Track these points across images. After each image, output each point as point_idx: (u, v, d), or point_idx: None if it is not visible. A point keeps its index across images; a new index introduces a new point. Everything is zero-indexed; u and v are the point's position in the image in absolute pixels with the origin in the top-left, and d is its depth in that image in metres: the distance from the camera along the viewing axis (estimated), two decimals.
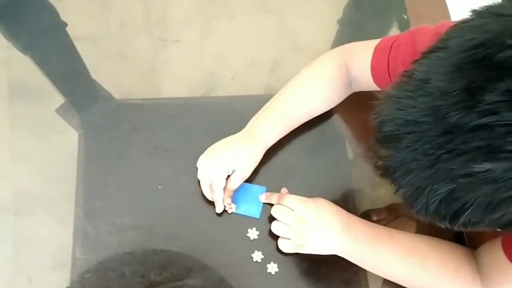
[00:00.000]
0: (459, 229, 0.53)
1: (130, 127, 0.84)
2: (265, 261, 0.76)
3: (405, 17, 0.94)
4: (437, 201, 0.48)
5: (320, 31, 0.82)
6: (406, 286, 0.73)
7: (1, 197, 0.79)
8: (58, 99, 0.85)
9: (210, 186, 0.78)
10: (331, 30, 0.94)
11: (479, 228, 0.51)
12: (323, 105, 0.83)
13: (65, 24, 0.91)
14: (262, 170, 0.82)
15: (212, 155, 0.79)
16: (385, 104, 0.52)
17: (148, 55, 0.91)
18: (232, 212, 0.79)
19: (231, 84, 0.89)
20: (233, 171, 0.77)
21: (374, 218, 0.79)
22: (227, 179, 0.78)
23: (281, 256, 0.77)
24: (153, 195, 0.79)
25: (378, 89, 0.79)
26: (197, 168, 0.80)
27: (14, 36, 0.90)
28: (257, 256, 0.76)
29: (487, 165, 0.43)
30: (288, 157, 0.83)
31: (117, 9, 0.94)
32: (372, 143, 0.54)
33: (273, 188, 0.80)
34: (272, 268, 0.76)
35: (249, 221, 0.79)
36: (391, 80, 0.75)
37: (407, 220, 0.79)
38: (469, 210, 0.47)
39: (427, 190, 0.48)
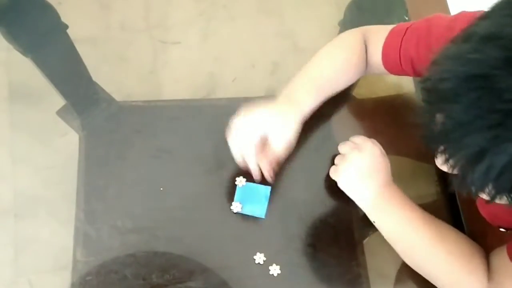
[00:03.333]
0: None
1: (131, 129, 0.84)
2: (267, 263, 0.76)
3: (407, 18, 0.95)
4: (503, 164, 0.44)
5: (321, 33, 0.83)
6: (414, 259, 0.73)
7: (2, 199, 0.79)
8: (59, 101, 0.85)
9: (243, 156, 0.74)
10: (332, 31, 0.94)
11: None
12: (346, 77, 0.82)
13: (66, 26, 0.91)
14: None
15: (241, 121, 0.73)
16: (442, 64, 0.48)
17: (149, 57, 0.91)
18: (237, 212, 0.79)
19: (232, 86, 0.89)
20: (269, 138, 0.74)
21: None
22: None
23: (283, 258, 0.76)
24: (155, 197, 0.79)
25: (386, 73, 0.79)
26: (197, 169, 0.79)
27: (15, 38, 0.89)
28: (259, 258, 0.76)
29: None
30: (291, 158, 0.82)
31: (117, 11, 0.94)
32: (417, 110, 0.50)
33: (278, 188, 0.80)
34: (275, 270, 0.76)
35: (252, 223, 0.79)
36: (400, 63, 0.75)
37: None
38: None
39: (492, 152, 0.44)
